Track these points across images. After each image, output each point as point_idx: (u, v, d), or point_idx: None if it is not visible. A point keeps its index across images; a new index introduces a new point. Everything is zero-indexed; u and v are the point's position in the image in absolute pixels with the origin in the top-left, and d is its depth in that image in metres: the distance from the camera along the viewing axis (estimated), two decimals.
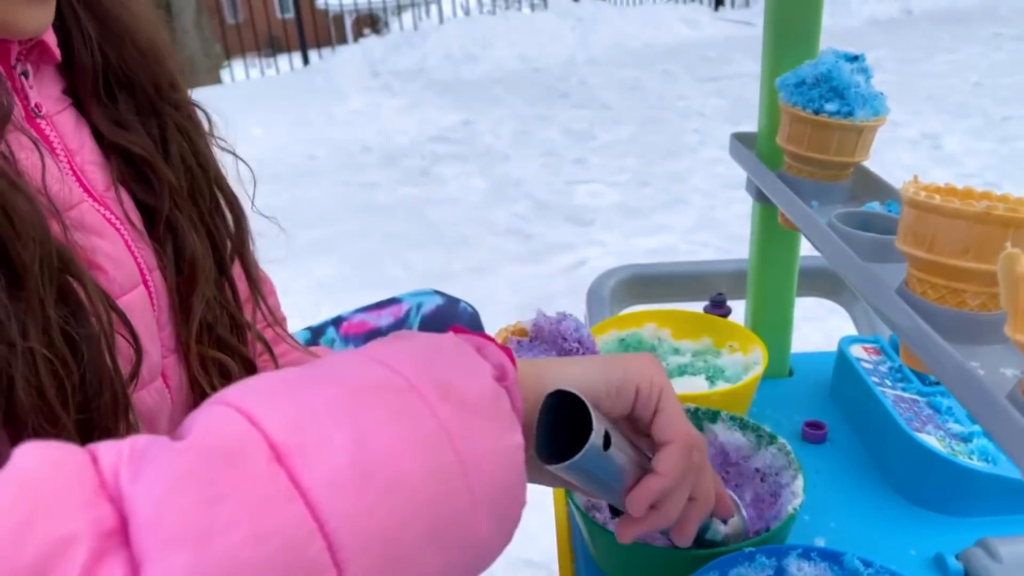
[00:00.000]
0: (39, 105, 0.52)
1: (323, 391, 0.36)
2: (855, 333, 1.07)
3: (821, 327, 1.96)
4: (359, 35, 8.13)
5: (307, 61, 7.16)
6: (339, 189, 3.79)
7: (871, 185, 0.74)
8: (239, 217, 0.64)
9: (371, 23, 9.37)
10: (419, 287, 1.03)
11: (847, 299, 1.16)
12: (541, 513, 0.60)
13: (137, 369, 0.50)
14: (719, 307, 1.02)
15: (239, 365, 0.61)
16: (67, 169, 0.52)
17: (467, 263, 2.87)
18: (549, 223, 3.19)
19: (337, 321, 0.96)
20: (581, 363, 0.49)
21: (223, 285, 0.61)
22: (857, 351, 0.90)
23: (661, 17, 7.07)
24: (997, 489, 0.71)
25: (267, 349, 0.67)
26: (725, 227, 3.00)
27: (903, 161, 3.57)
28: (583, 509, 0.61)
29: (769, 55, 0.82)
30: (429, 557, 0.35)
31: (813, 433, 0.83)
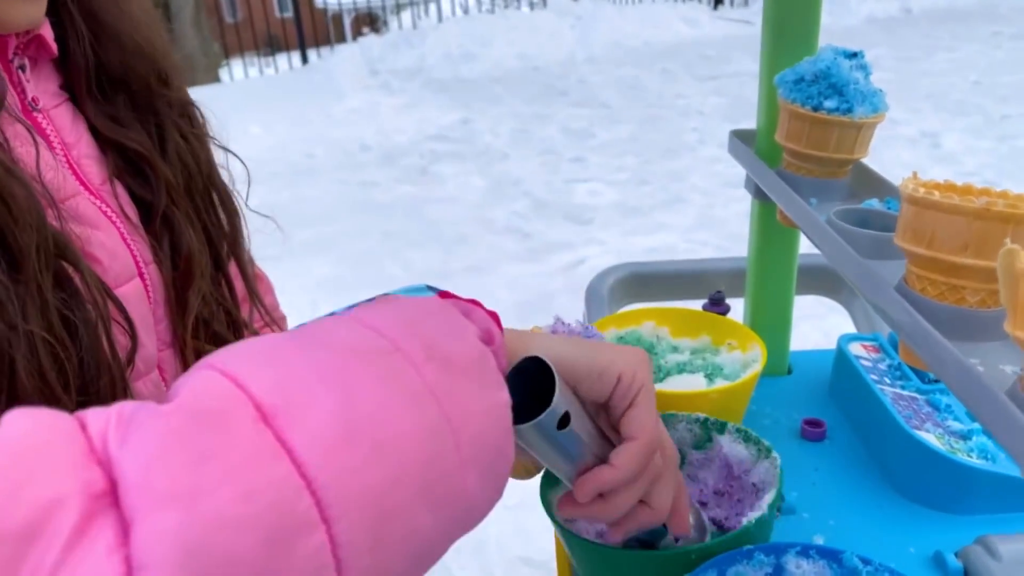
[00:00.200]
0: (36, 99, 0.52)
1: (309, 353, 0.36)
2: (854, 331, 1.06)
3: (820, 325, 1.96)
4: (358, 34, 8.13)
5: (306, 60, 7.16)
6: (337, 188, 3.79)
7: (870, 182, 0.74)
8: (234, 213, 0.64)
9: (370, 22, 9.37)
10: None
11: (846, 297, 1.16)
12: (540, 513, 0.60)
13: (133, 355, 0.50)
14: (718, 305, 1.02)
15: None
16: (63, 162, 0.52)
17: (466, 262, 2.87)
18: (548, 222, 3.19)
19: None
20: (571, 341, 0.50)
21: (220, 282, 0.61)
22: (856, 349, 0.90)
23: (660, 16, 7.07)
24: (996, 487, 0.70)
25: None
26: (724, 226, 3.00)
27: (902, 159, 3.57)
28: (561, 523, 0.58)
29: (768, 53, 0.82)
30: (419, 514, 0.35)
31: (812, 431, 0.83)
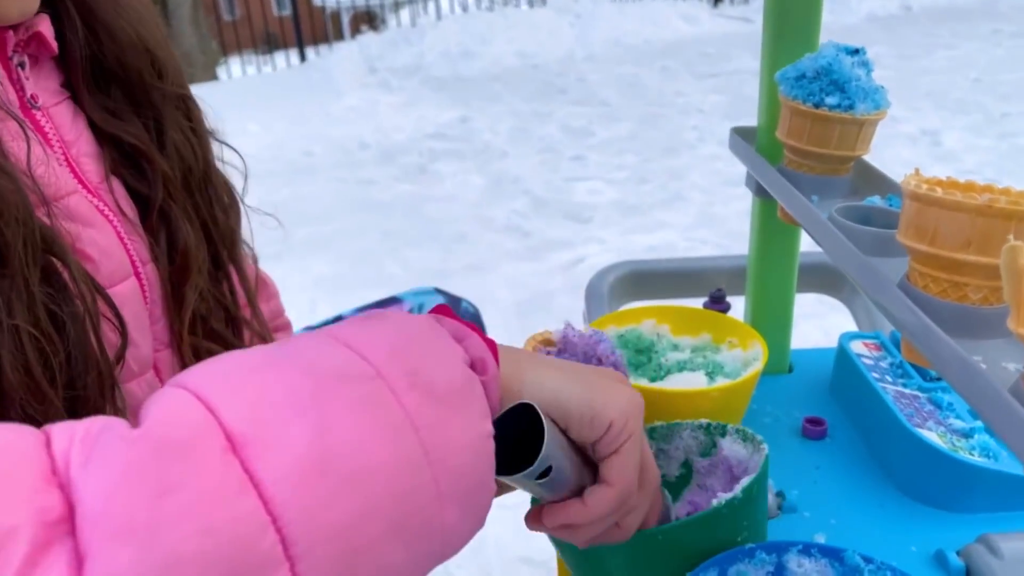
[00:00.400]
0: (35, 96, 0.52)
1: (286, 376, 0.35)
2: (855, 329, 1.06)
3: (821, 324, 1.96)
4: (356, 32, 8.12)
5: (304, 58, 7.15)
6: (336, 186, 3.79)
7: (872, 179, 0.73)
8: (233, 208, 0.64)
9: (368, 20, 9.36)
10: (417, 284, 1.02)
11: (847, 295, 1.16)
12: None
13: (123, 352, 0.50)
14: (718, 303, 1.02)
15: None
16: (62, 160, 0.52)
17: (465, 260, 2.86)
18: (547, 220, 3.19)
19: (337, 321, 0.95)
20: (566, 373, 0.47)
21: (219, 279, 0.61)
22: (857, 347, 0.89)
23: (660, 13, 7.07)
24: (998, 485, 0.70)
25: (264, 343, 0.67)
26: (724, 224, 3.00)
27: (902, 157, 3.57)
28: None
29: (769, 50, 0.81)
30: (391, 549, 0.34)
31: (813, 429, 0.83)
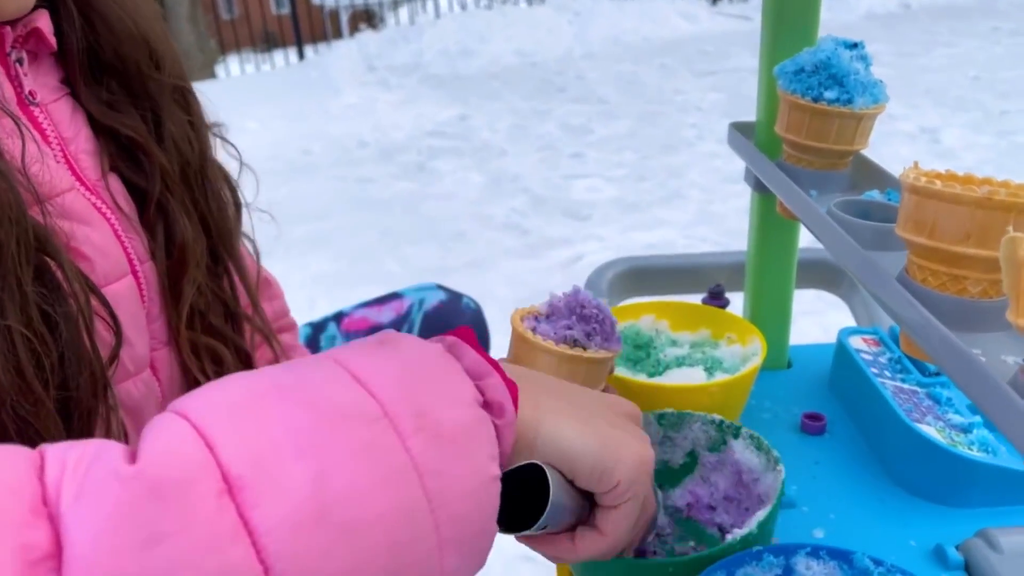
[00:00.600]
0: (33, 92, 0.52)
1: (289, 412, 0.34)
2: (854, 325, 1.06)
3: (820, 321, 1.96)
4: (355, 30, 8.11)
5: (302, 56, 7.15)
6: (335, 184, 3.78)
7: (871, 174, 0.73)
8: (231, 201, 0.64)
9: (367, 18, 9.35)
10: (417, 282, 1.02)
11: (846, 291, 1.16)
12: None
13: (117, 351, 0.49)
14: (717, 298, 1.02)
15: (233, 354, 0.60)
16: (60, 157, 0.52)
17: (464, 258, 2.86)
18: (546, 218, 3.19)
19: (338, 317, 0.95)
20: (583, 424, 0.44)
21: (218, 274, 0.61)
22: (856, 342, 0.89)
23: (658, 11, 7.06)
24: (997, 480, 0.70)
25: (266, 340, 0.67)
26: (723, 221, 3.00)
27: (901, 155, 3.56)
28: None
29: (767, 45, 0.81)
30: None
31: (812, 425, 0.83)
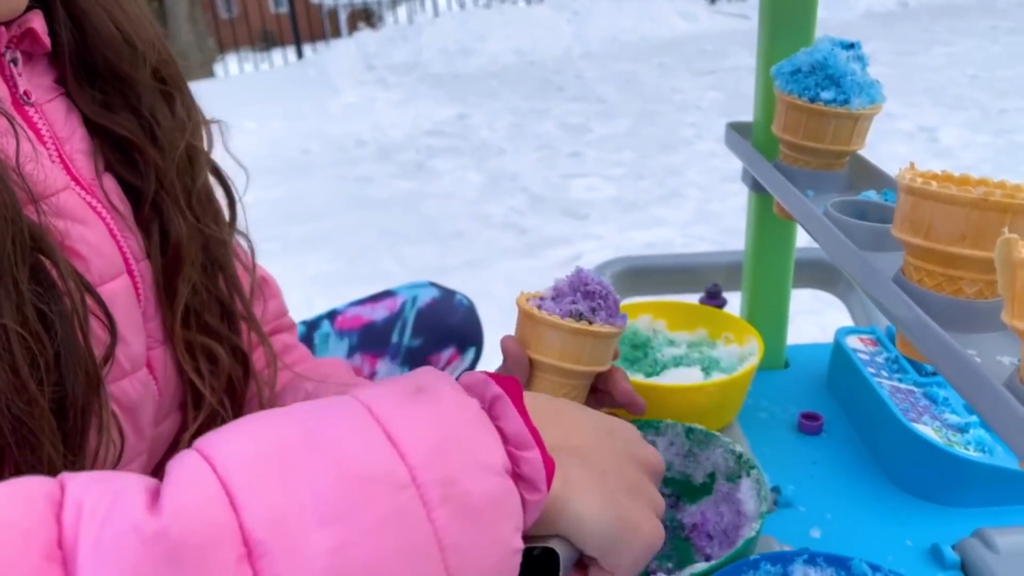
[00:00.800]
0: (28, 93, 0.52)
1: (317, 472, 0.34)
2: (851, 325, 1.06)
3: (818, 320, 1.96)
4: (354, 29, 8.10)
5: (301, 55, 7.15)
6: (333, 183, 3.78)
7: (867, 174, 0.73)
8: (227, 200, 0.64)
9: (366, 17, 9.34)
10: (414, 281, 1.02)
11: (842, 290, 1.16)
12: None
13: (112, 351, 0.50)
14: (715, 298, 1.02)
15: (228, 353, 0.60)
16: (55, 156, 0.52)
17: (462, 257, 2.86)
18: (545, 217, 3.18)
19: (332, 315, 0.95)
20: (605, 501, 0.43)
21: (213, 273, 0.61)
22: (853, 342, 0.89)
23: (657, 10, 7.06)
24: (993, 479, 0.70)
25: (262, 341, 0.67)
26: (721, 220, 2.99)
27: (899, 154, 3.56)
28: None
29: (765, 45, 0.81)
30: None
31: (809, 424, 0.83)
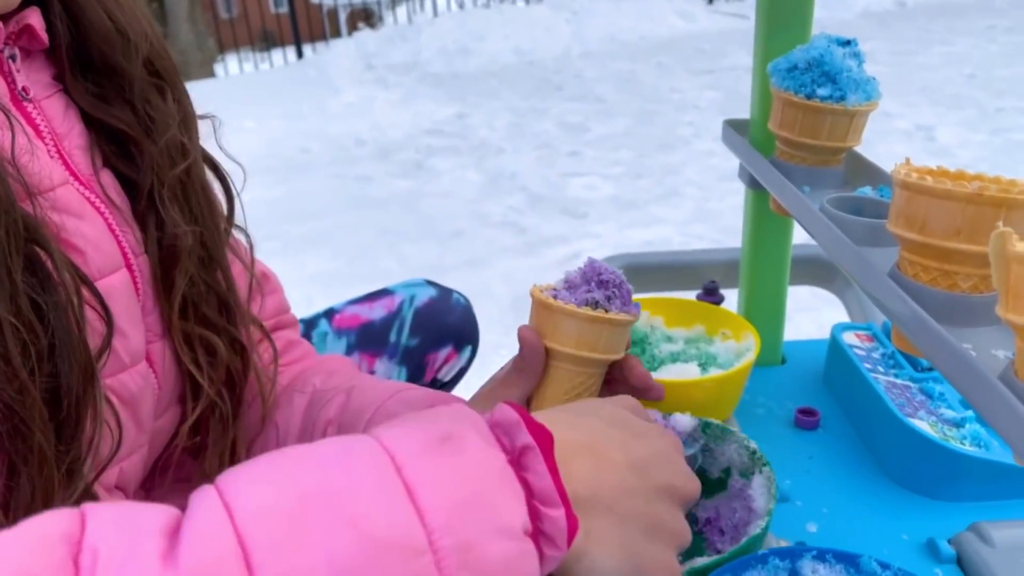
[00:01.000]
0: (26, 88, 0.52)
1: (334, 533, 0.34)
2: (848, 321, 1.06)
3: (815, 317, 1.96)
4: (353, 29, 8.09)
5: (301, 55, 7.14)
6: (333, 182, 3.78)
7: (863, 170, 0.74)
8: (224, 193, 0.64)
9: (365, 17, 9.34)
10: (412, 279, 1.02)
11: (839, 286, 1.16)
12: None
13: (108, 343, 0.50)
14: (712, 295, 1.02)
15: (226, 345, 0.61)
16: (54, 152, 0.52)
17: (461, 256, 2.86)
18: (544, 216, 3.19)
19: (329, 313, 0.95)
20: (623, 552, 0.43)
21: (211, 265, 0.61)
22: (850, 338, 0.90)
23: (655, 10, 7.06)
24: (989, 474, 0.71)
25: (265, 336, 0.67)
26: (720, 219, 3.00)
27: (896, 152, 3.56)
28: None
29: (762, 43, 0.81)
30: None
31: (806, 420, 0.83)
